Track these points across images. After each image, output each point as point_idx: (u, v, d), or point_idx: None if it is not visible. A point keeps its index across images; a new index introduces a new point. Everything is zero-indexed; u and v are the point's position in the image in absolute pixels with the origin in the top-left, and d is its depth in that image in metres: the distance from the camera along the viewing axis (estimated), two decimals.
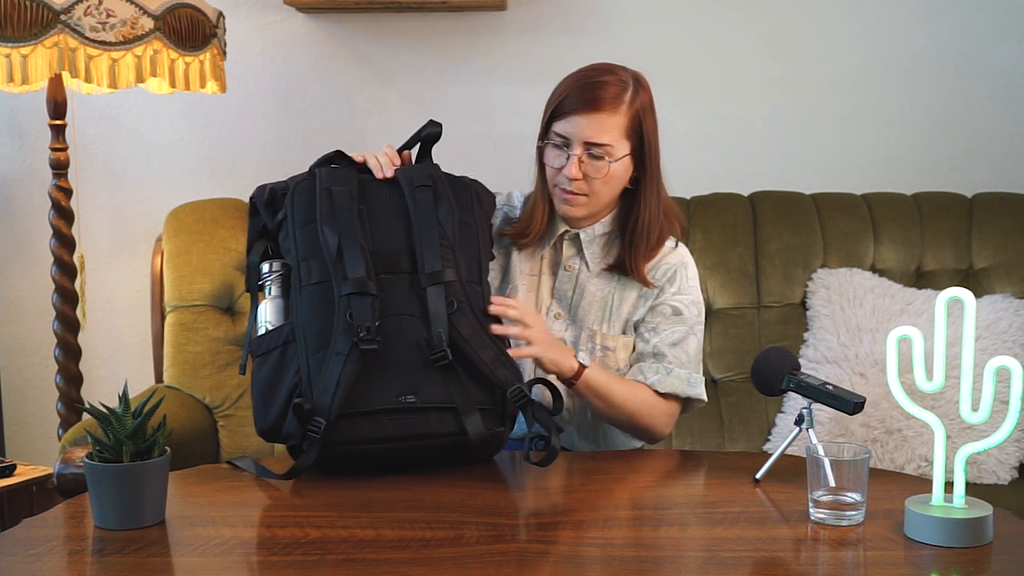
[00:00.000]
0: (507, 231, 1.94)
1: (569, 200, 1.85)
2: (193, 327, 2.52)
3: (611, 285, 1.90)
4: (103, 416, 1.40)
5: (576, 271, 1.92)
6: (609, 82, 1.83)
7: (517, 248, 1.94)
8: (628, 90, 1.84)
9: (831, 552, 1.36)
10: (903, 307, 2.44)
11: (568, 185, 1.83)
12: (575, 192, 1.84)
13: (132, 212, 2.87)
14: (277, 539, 1.39)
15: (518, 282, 1.93)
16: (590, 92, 1.82)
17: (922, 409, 1.41)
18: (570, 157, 1.82)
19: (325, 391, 1.56)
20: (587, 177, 1.82)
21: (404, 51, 2.84)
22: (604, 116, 1.81)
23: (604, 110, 1.81)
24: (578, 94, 1.82)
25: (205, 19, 2.39)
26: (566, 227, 1.91)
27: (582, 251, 1.91)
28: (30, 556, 1.34)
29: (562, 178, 1.84)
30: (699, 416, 2.48)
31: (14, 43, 2.18)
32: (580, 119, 1.81)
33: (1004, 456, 2.27)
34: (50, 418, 2.79)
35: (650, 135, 1.87)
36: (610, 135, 1.81)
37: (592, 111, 1.81)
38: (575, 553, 1.36)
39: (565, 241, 1.92)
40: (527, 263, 1.94)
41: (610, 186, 1.85)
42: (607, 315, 1.89)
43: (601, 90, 1.82)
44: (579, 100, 1.82)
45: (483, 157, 2.76)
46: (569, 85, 1.85)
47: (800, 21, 2.82)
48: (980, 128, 2.84)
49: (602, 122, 1.81)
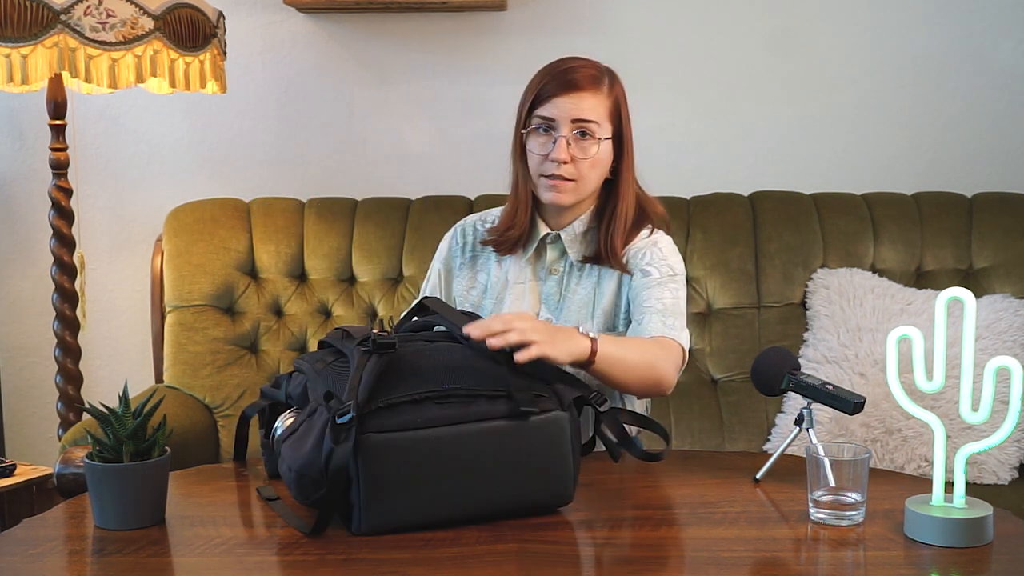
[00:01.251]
0: (488, 239, 1.91)
1: (556, 186, 1.82)
2: (193, 327, 2.52)
3: (592, 282, 1.88)
4: (103, 416, 1.40)
5: (562, 274, 1.89)
6: (585, 66, 1.84)
7: (499, 256, 1.91)
8: (605, 76, 1.85)
9: (831, 552, 1.36)
10: (903, 307, 2.44)
11: (556, 170, 1.81)
12: (563, 177, 1.81)
13: (132, 212, 2.87)
14: (277, 539, 1.39)
15: (505, 292, 1.90)
16: (570, 75, 1.82)
17: (922, 409, 1.41)
18: (557, 140, 1.80)
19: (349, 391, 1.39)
20: (575, 160, 1.81)
21: (404, 51, 2.84)
22: (587, 94, 1.81)
23: (586, 89, 1.81)
24: (558, 78, 1.82)
25: (205, 19, 2.39)
26: (547, 230, 1.89)
27: (565, 252, 1.89)
28: (30, 556, 1.34)
29: (548, 164, 1.81)
30: (699, 416, 2.48)
31: (14, 43, 2.18)
32: (564, 99, 1.80)
33: (1004, 456, 2.27)
34: (50, 418, 2.79)
35: (626, 124, 1.87)
36: (595, 112, 1.81)
37: (575, 90, 1.80)
38: (575, 553, 1.36)
39: (548, 244, 1.90)
40: (512, 272, 1.91)
41: (596, 170, 1.84)
42: (590, 312, 1.87)
43: (579, 73, 1.82)
44: (560, 83, 1.81)
45: (483, 157, 2.76)
46: (545, 75, 1.84)
47: (800, 21, 2.82)
48: (980, 128, 2.84)
49: (586, 100, 1.80)
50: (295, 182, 2.84)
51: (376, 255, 2.58)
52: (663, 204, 1.96)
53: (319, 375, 1.50)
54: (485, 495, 1.41)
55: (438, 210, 2.61)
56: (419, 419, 1.38)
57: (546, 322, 1.69)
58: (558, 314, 1.89)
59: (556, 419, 1.44)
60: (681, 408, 2.49)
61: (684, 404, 2.49)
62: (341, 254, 2.60)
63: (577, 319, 1.87)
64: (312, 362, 1.54)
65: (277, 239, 2.60)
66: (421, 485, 1.38)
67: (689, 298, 2.53)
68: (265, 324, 2.56)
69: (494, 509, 1.42)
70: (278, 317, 2.58)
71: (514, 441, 1.42)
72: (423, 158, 2.86)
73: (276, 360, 2.54)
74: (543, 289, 1.90)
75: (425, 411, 1.39)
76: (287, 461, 1.43)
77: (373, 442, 1.36)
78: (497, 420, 1.41)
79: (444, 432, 1.39)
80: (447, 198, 2.66)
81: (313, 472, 1.38)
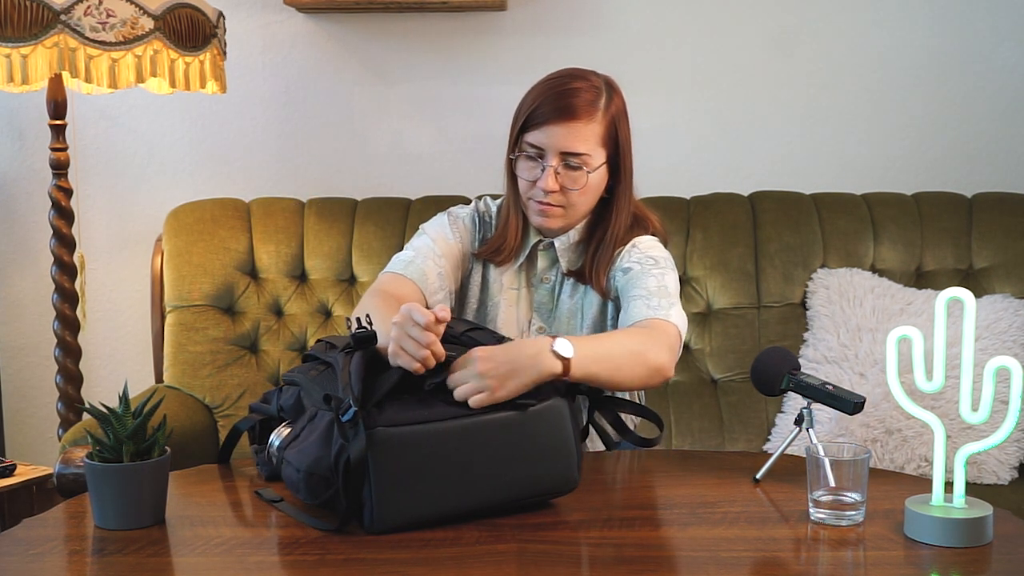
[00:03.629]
0: (481, 250, 1.88)
1: (545, 212, 1.78)
2: (193, 327, 2.52)
3: (579, 294, 1.85)
4: (103, 416, 1.40)
5: (553, 282, 1.87)
6: (582, 88, 1.75)
7: (494, 264, 1.88)
8: (602, 96, 1.76)
9: (831, 552, 1.36)
10: (903, 307, 2.44)
11: (544, 197, 1.76)
12: (552, 204, 1.77)
13: (132, 212, 2.87)
14: (277, 539, 1.39)
15: (499, 298, 1.88)
16: (563, 100, 1.73)
17: (922, 409, 1.41)
18: (545, 169, 1.74)
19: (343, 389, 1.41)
20: (564, 189, 1.75)
21: (404, 51, 2.84)
22: (580, 125, 1.73)
23: (580, 118, 1.73)
24: (551, 103, 1.73)
25: (205, 19, 2.39)
26: (539, 237, 1.85)
27: (557, 260, 1.85)
28: (30, 556, 1.34)
29: (537, 191, 1.77)
30: (699, 416, 2.48)
31: (14, 43, 2.17)
32: (555, 128, 1.73)
33: (1004, 456, 2.27)
34: (50, 418, 2.79)
35: (624, 142, 1.80)
36: (587, 144, 1.74)
37: (567, 120, 1.72)
38: (575, 553, 1.36)
39: (540, 252, 1.87)
40: (505, 278, 1.88)
41: (587, 197, 1.78)
42: (579, 323, 1.85)
43: (575, 97, 1.73)
44: (552, 109, 1.73)
45: (482, 157, 2.76)
46: (539, 94, 1.76)
47: (800, 21, 2.82)
48: (980, 128, 2.84)
49: (578, 131, 1.73)
50: (295, 182, 2.84)
51: (376, 255, 2.58)
52: (663, 206, 1.94)
53: (313, 382, 1.51)
54: (492, 486, 1.42)
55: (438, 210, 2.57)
56: (426, 413, 1.40)
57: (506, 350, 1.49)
58: (550, 323, 1.87)
59: (555, 406, 1.47)
60: (681, 408, 2.49)
61: (684, 404, 2.49)
62: (341, 254, 2.60)
63: (567, 329, 1.85)
64: (304, 372, 1.56)
65: (277, 239, 2.60)
66: (430, 479, 1.39)
67: (689, 298, 2.54)
68: (265, 324, 2.56)
69: (502, 499, 1.44)
70: (278, 317, 2.58)
71: (517, 430, 1.44)
72: (423, 158, 2.86)
73: (276, 360, 2.54)
74: (535, 297, 1.88)
75: (431, 406, 1.41)
76: (294, 464, 1.44)
77: (383, 437, 1.36)
78: (499, 412, 1.43)
79: (451, 425, 1.41)
80: (447, 198, 2.65)
81: (322, 471, 1.39)
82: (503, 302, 1.88)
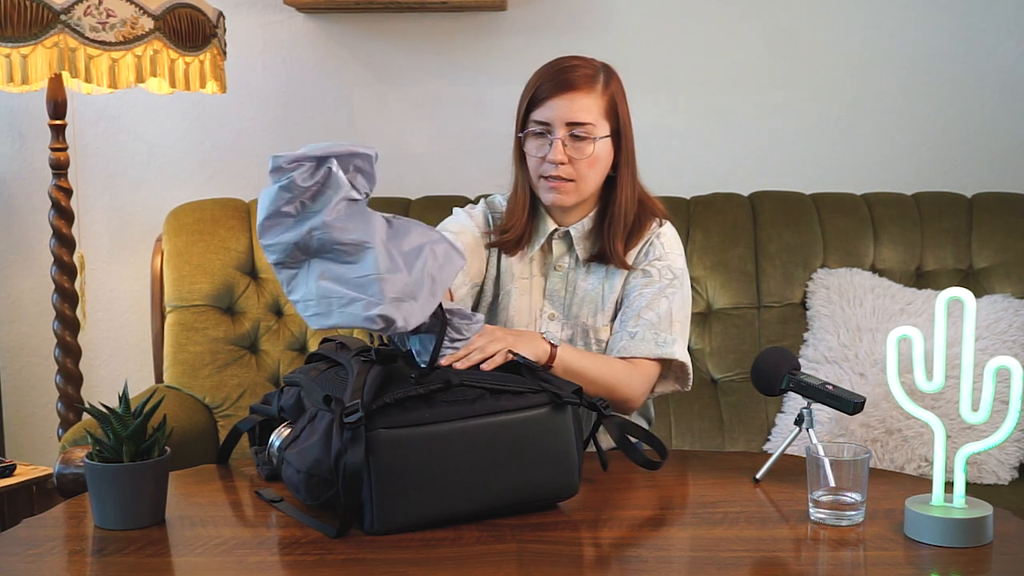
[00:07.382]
0: (494, 241, 1.93)
1: (556, 187, 1.84)
2: (193, 327, 2.52)
3: (600, 277, 1.90)
4: (103, 416, 1.40)
5: (567, 270, 1.91)
6: (580, 65, 1.84)
7: (507, 254, 1.93)
8: (600, 74, 1.85)
9: (831, 552, 1.36)
10: (903, 307, 2.44)
11: (554, 171, 1.82)
12: (562, 178, 1.83)
13: (132, 212, 2.87)
14: (277, 539, 1.39)
15: (511, 287, 1.92)
16: (563, 75, 1.83)
17: (922, 409, 1.41)
18: (553, 142, 1.82)
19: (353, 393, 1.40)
20: (572, 160, 1.82)
21: (404, 51, 2.84)
22: (581, 95, 1.82)
23: (580, 89, 1.82)
24: (552, 79, 1.83)
25: (205, 19, 2.39)
26: (555, 225, 1.91)
27: (572, 248, 1.91)
28: (30, 556, 1.34)
29: (547, 165, 1.83)
30: (699, 416, 2.48)
31: (14, 43, 2.18)
32: (558, 101, 1.81)
33: (1004, 456, 2.27)
34: (50, 418, 2.79)
35: (625, 122, 1.87)
36: (590, 113, 1.82)
37: (568, 91, 1.81)
38: (575, 553, 1.36)
39: (555, 240, 1.91)
40: (518, 267, 1.93)
41: (595, 169, 1.84)
42: (599, 307, 1.89)
43: (573, 72, 1.83)
44: (554, 84, 1.82)
45: (483, 157, 2.76)
46: (540, 75, 1.86)
47: (800, 21, 2.82)
48: (980, 128, 2.84)
49: (580, 101, 1.81)
50: None
51: None
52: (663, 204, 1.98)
53: (314, 382, 1.52)
54: (492, 489, 1.42)
55: (438, 210, 2.59)
56: (427, 415, 1.40)
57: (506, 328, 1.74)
58: (564, 310, 1.90)
59: (557, 411, 1.47)
60: (681, 408, 2.49)
61: (684, 404, 2.49)
62: None
63: (586, 313, 1.89)
64: (305, 372, 1.57)
65: None
66: (430, 481, 1.39)
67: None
68: (265, 324, 2.56)
69: (501, 503, 1.44)
70: (278, 317, 2.58)
71: (519, 434, 1.44)
72: (423, 158, 2.86)
73: (276, 360, 2.54)
74: (548, 285, 1.92)
75: (433, 407, 1.41)
76: (294, 464, 1.44)
77: (383, 438, 1.37)
78: (502, 415, 1.43)
79: (452, 427, 1.41)
80: (447, 198, 2.66)
81: (322, 472, 1.39)
82: (515, 290, 1.92)
